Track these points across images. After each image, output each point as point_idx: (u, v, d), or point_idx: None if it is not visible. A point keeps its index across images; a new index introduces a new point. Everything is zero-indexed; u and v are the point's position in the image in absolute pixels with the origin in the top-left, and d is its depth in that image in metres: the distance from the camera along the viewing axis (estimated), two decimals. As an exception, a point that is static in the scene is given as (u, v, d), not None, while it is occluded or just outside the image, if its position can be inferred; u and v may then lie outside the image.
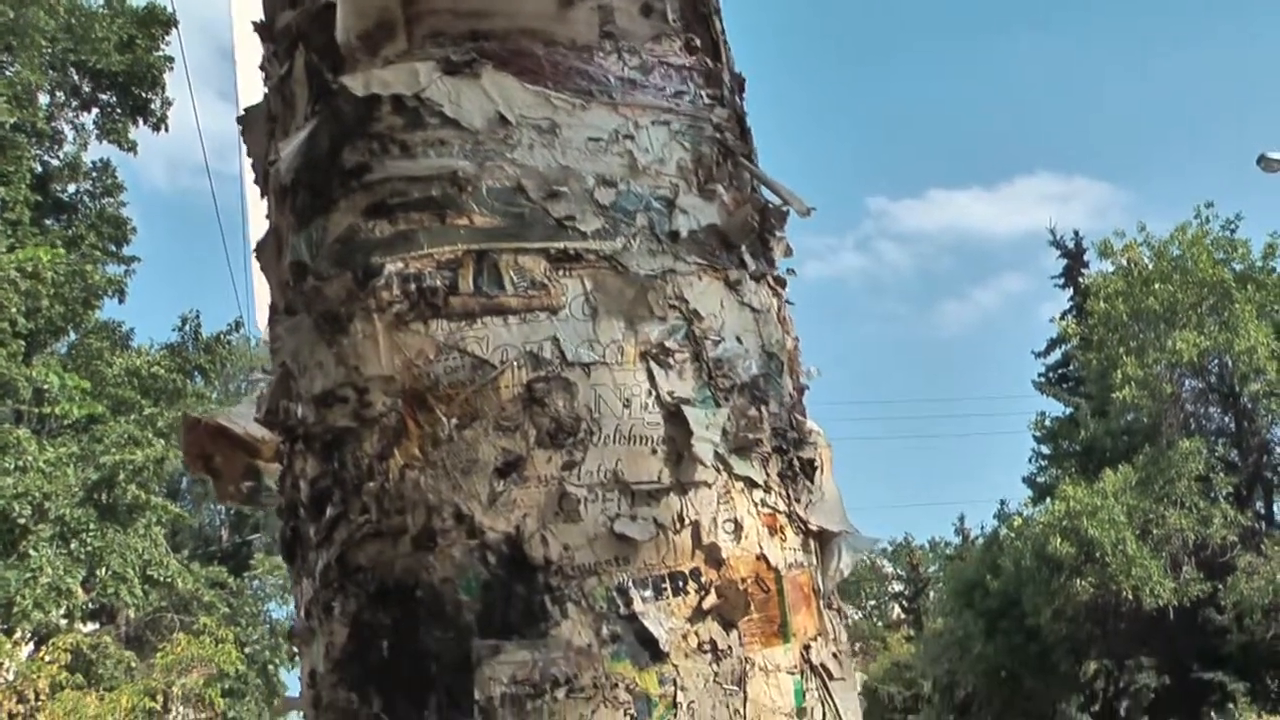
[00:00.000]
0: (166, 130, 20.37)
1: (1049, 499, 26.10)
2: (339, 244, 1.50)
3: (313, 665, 1.48)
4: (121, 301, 19.89)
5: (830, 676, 1.48)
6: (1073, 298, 33.28)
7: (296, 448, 1.52)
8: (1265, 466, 26.34)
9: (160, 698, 15.25)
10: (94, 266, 18.77)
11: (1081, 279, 32.34)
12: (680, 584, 1.38)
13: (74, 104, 20.07)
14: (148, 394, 18.72)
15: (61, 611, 15.35)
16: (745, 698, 1.38)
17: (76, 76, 19.55)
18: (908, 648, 40.68)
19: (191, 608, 19.09)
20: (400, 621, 1.37)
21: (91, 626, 18.17)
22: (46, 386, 16.06)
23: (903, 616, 47.61)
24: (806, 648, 1.47)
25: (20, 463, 14.87)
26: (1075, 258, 34.24)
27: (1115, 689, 27.99)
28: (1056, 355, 34.43)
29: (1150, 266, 25.62)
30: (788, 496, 1.52)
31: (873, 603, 49.34)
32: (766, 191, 1.72)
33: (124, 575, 16.02)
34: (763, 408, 1.52)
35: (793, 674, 1.43)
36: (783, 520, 1.50)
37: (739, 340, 1.53)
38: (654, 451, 1.41)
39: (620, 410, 1.41)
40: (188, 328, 21.24)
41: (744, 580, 1.41)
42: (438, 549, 1.36)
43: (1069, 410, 30.68)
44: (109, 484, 16.36)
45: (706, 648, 1.37)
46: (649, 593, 1.36)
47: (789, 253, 1.72)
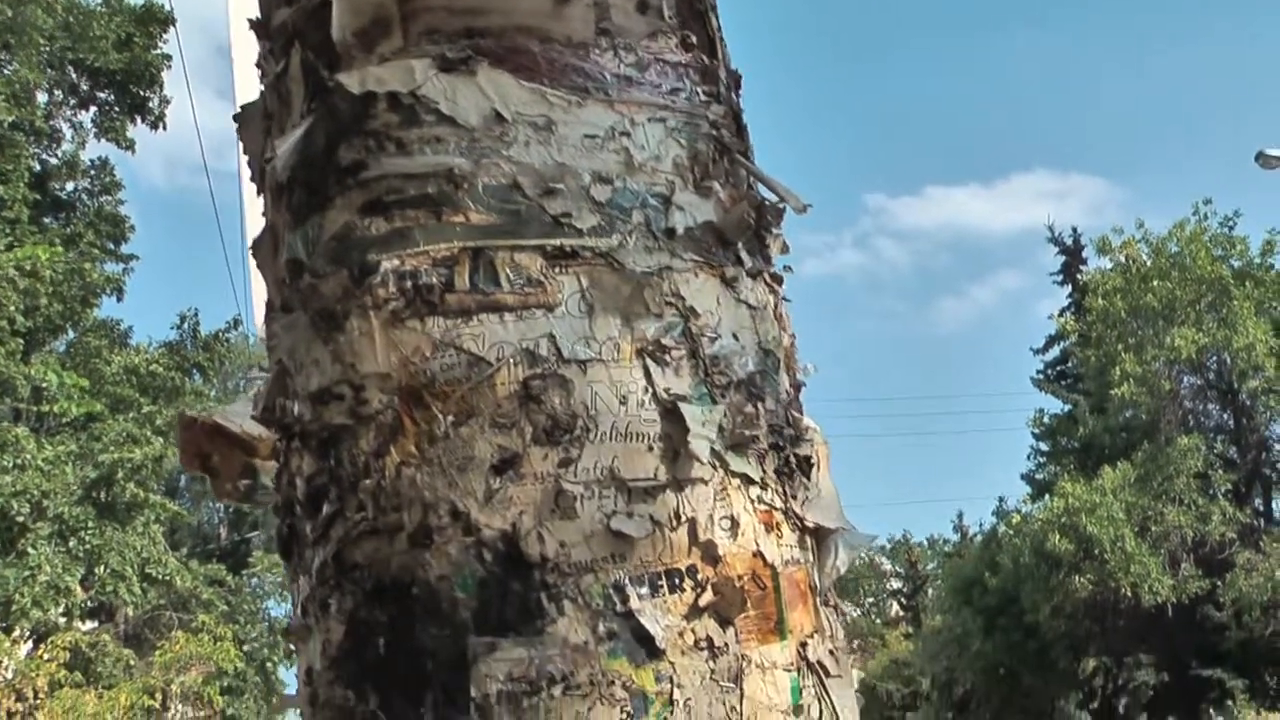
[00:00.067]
0: (164, 128, 20.37)
1: (1047, 496, 26.06)
2: (335, 241, 1.49)
3: (309, 663, 1.48)
4: (120, 300, 19.87)
5: (827, 673, 1.48)
6: (1071, 294, 33.24)
7: (293, 445, 1.52)
8: (1264, 463, 26.31)
9: (159, 695, 15.25)
10: (92, 265, 18.74)
11: (1080, 276, 32.30)
12: (677, 581, 1.38)
13: (72, 102, 20.04)
14: (146, 392, 18.70)
15: (60, 609, 15.34)
16: (742, 695, 1.38)
17: (74, 75, 19.51)
18: (906, 645, 40.65)
19: (190, 605, 19.07)
20: (396, 619, 1.37)
21: (90, 624, 18.18)
22: (45, 385, 16.03)
23: (901, 614, 47.57)
24: (803, 645, 1.47)
25: (19, 461, 14.85)
26: (1074, 254, 34.19)
27: (1114, 686, 28.00)
28: (1055, 352, 34.41)
29: (1149, 263, 25.57)
30: (784, 493, 1.52)
31: (871, 600, 49.30)
32: (763, 188, 1.72)
33: (122, 573, 16.01)
34: (759, 405, 1.52)
35: (789, 671, 1.43)
36: (779, 517, 1.50)
37: (735, 337, 1.53)
38: (650, 448, 1.41)
39: (616, 407, 1.41)
40: (186, 326, 21.20)
41: (740, 577, 1.41)
42: (434, 546, 1.36)
43: (1067, 407, 30.64)
44: (107, 482, 16.35)
45: (703, 645, 1.37)
46: (645, 590, 1.36)
47: (785, 250, 1.72)
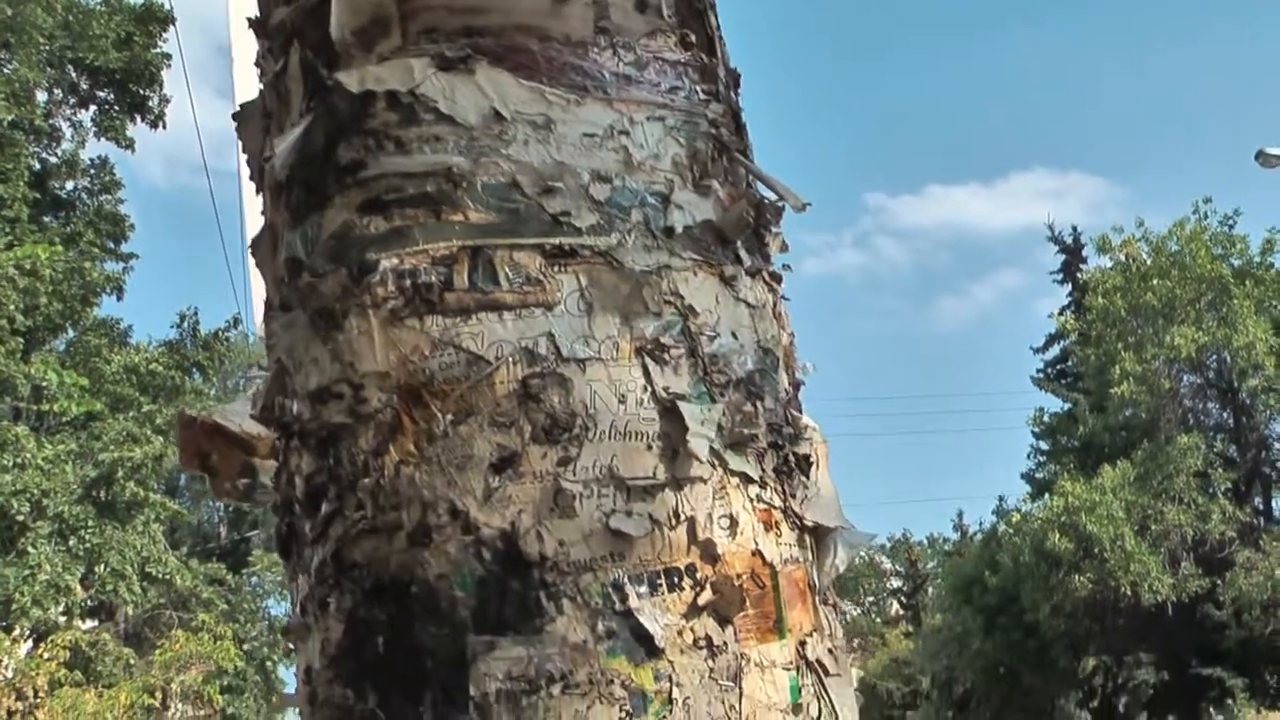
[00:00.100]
0: (164, 127, 20.39)
1: (1047, 495, 26.04)
2: (334, 240, 1.49)
3: (309, 661, 1.48)
4: (120, 299, 19.88)
5: (826, 672, 1.48)
6: (1071, 293, 33.22)
7: (292, 444, 1.52)
8: (1264, 462, 26.29)
9: (159, 695, 15.26)
10: (92, 264, 18.75)
11: (1080, 275, 32.29)
12: (676, 580, 1.38)
13: (72, 101, 20.04)
14: (146, 391, 18.71)
15: (60, 609, 15.35)
16: (741, 693, 1.38)
17: (74, 74, 19.51)
18: (906, 644, 40.64)
19: (190, 604, 19.08)
20: (396, 618, 1.37)
21: (90, 624, 18.18)
22: (45, 384, 16.04)
23: (901, 612, 47.56)
24: (802, 643, 1.47)
25: (19, 460, 14.86)
26: (1073, 253, 34.17)
27: (1114, 685, 28.01)
28: (1055, 351, 34.40)
29: (1149, 262, 25.54)
30: (783, 492, 1.52)
31: (871, 599, 49.29)
32: (762, 187, 1.72)
33: (122, 572, 16.02)
34: (758, 403, 1.52)
35: (788, 670, 1.43)
36: (778, 516, 1.50)
37: (734, 336, 1.53)
38: (649, 447, 1.41)
39: (615, 406, 1.41)
40: (186, 325, 21.21)
41: (739, 576, 1.41)
42: (433, 545, 1.36)
43: (1067, 406, 30.62)
44: (107, 481, 16.36)
45: (702, 644, 1.37)
46: (644, 589, 1.36)
47: (785, 248, 1.72)
